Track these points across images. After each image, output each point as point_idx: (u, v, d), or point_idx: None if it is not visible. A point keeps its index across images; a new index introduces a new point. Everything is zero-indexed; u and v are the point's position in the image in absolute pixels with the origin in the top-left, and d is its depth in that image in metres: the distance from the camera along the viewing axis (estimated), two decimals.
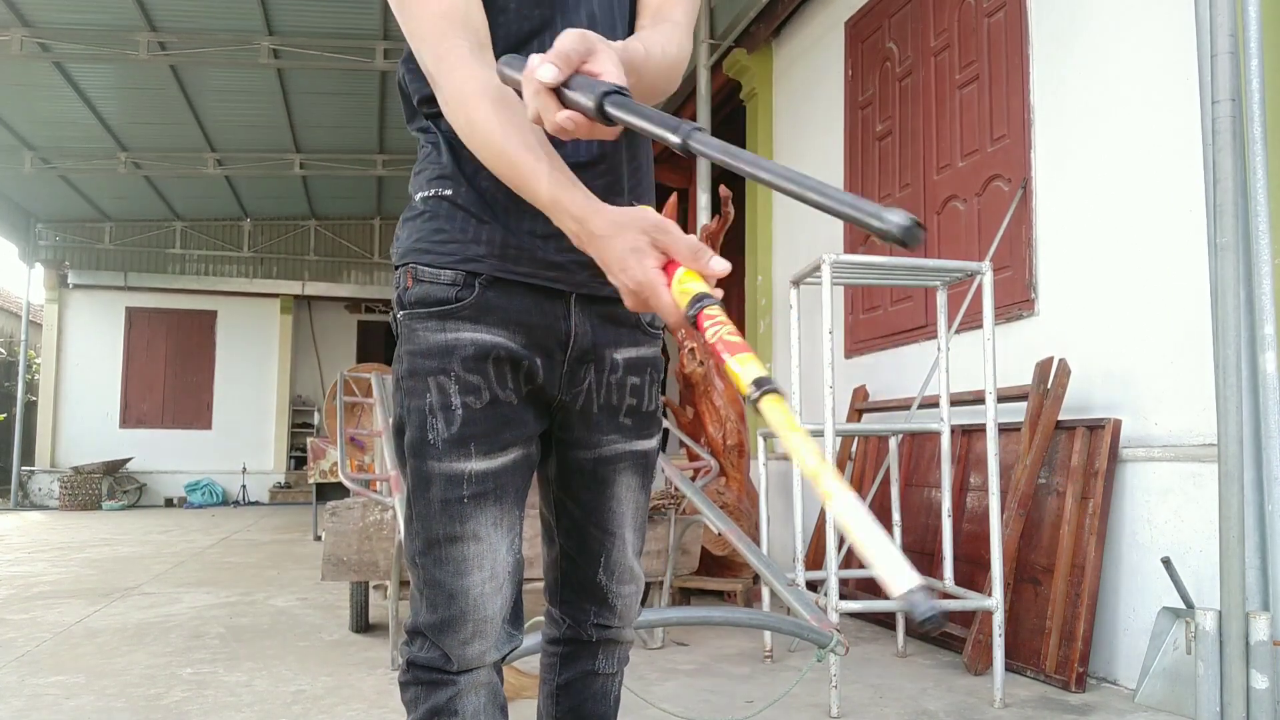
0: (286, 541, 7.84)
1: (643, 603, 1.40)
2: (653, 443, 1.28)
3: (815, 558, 4.36)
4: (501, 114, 0.97)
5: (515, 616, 1.18)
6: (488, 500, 1.10)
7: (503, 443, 1.11)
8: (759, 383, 0.77)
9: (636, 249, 0.89)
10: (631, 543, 1.27)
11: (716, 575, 4.42)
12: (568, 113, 0.84)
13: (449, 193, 1.11)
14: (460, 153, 1.09)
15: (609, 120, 0.83)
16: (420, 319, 1.10)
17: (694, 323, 0.86)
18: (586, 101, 0.83)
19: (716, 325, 0.84)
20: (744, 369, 0.79)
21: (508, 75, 0.92)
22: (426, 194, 1.13)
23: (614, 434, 1.22)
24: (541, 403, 1.17)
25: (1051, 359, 3.30)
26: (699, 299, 0.87)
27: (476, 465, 1.09)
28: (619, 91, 0.83)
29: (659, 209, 1.04)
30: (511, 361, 1.10)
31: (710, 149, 0.80)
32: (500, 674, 1.21)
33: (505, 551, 1.13)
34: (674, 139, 0.81)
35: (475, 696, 1.14)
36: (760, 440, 3.82)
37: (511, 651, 1.20)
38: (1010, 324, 3.69)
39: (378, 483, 3.47)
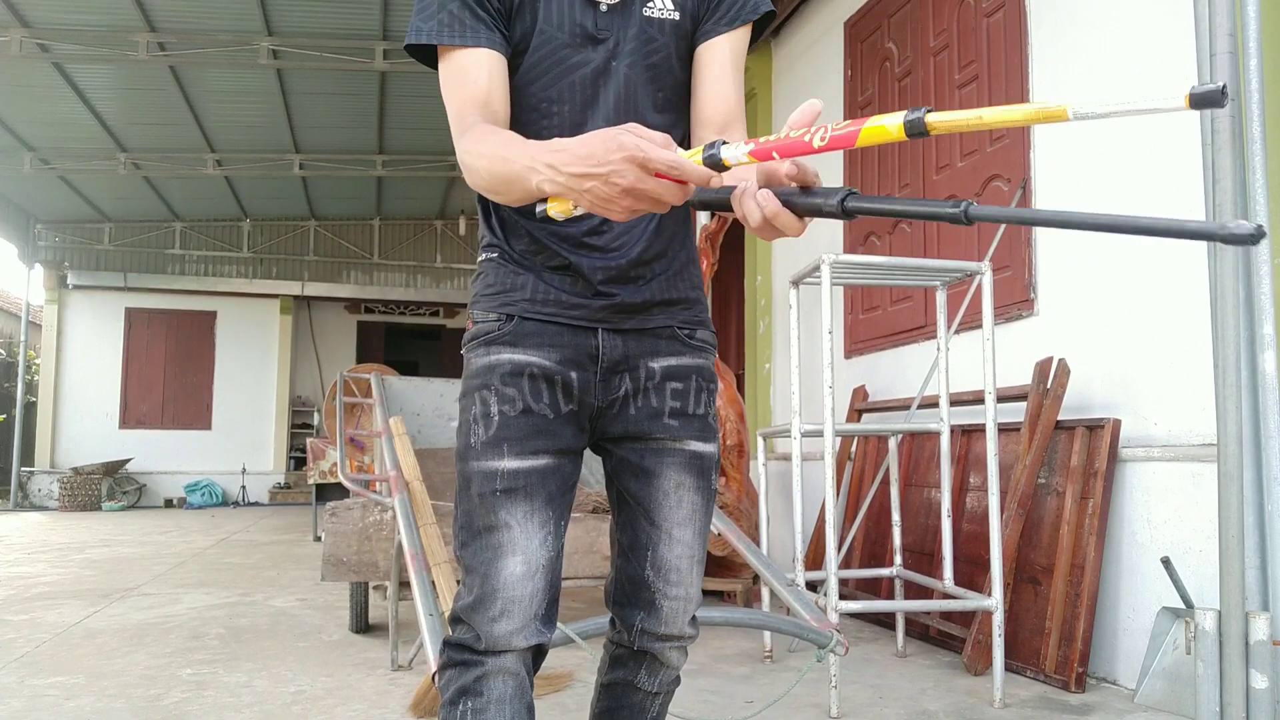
0: (286, 542, 7.84)
1: None
2: (707, 446, 1.34)
3: (815, 558, 4.36)
4: (487, 142, 1.14)
5: (548, 614, 1.24)
6: (518, 495, 1.22)
7: (533, 447, 1.24)
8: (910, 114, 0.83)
9: (613, 137, 0.98)
10: (685, 542, 1.33)
11: (716, 575, 4.42)
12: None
13: (495, 255, 1.33)
14: (505, 224, 1.32)
15: (849, 214, 0.91)
16: (473, 349, 1.31)
17: (717, 164, 0.95)
18: (827, 202, 0.91)
19: (766, 140, 0.92)
20: (866, 127, 0.86)
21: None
22: (481, 258, 1.36)
23: (659, 432, 1.32)
24: (581, 421, 1.29)
25: (1051, 359, 3.30)
26: (709, 145, 0.95)
27: (508, 464, 1.22)
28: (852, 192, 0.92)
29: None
30: (546, 378, 1.26)
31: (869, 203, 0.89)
32: (530, 674, 1.25)
33: (538, 545, 1.22)
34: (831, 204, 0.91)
35: (501, 682, 1.21)
36: (760, 440, 3.82)
37: (541, 651, 1.26)
38: (1010, 324, 3.69)
39: (377, 483, 3.47)
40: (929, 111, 0.82)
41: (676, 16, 1.31)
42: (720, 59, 1.32)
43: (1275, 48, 2.64)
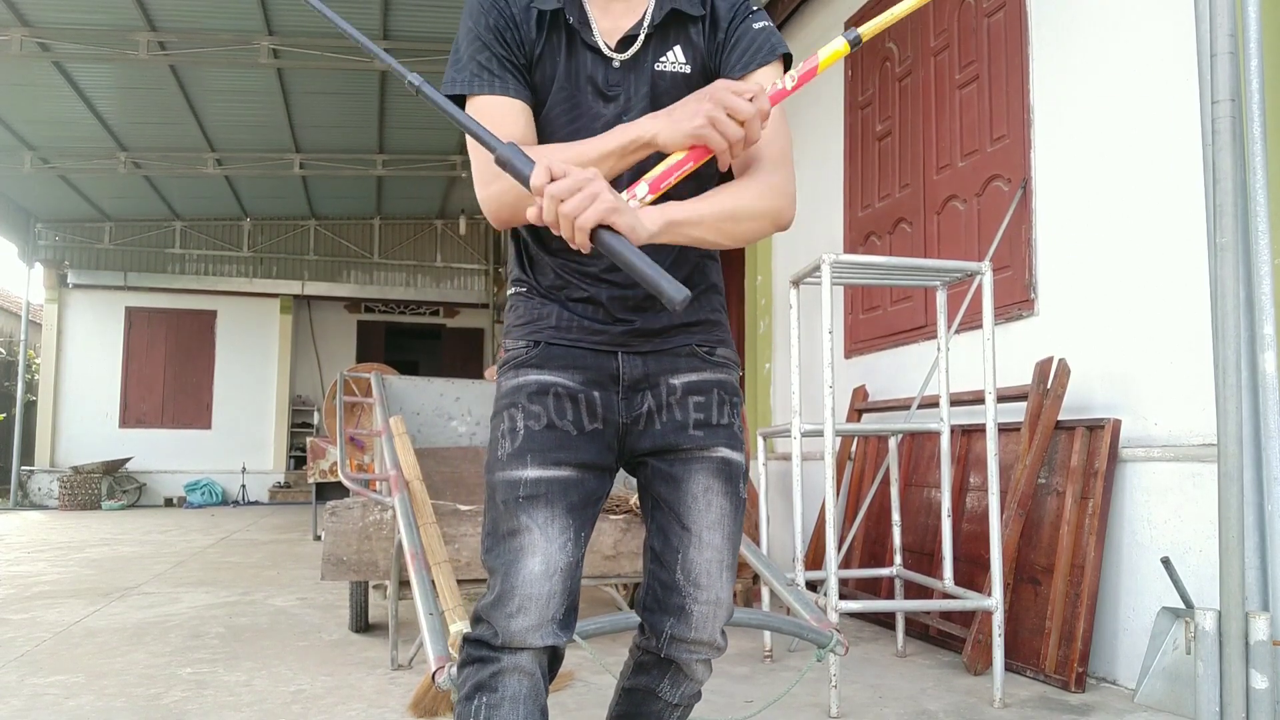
0: (286, 541, 7.84)
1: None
2: (733, 454, 1.38)
3: (815, 558, 4.36)
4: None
5: (565, 620, 1.27)
6: (540, 502, 1.27)
7: (555, 459, 1.29)
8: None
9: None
10: (714, 546, 1.35)
11: None
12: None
13: (524, 290, 1.42)
14: (534, 263, 1.40)
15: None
16: (504, 374, 1.39)
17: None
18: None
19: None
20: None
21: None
22: (510, 291, 1.45)
23: (686, 443, 1.36)
24: (607, 439, 1.34)
25: (1051, 359, 3.30)
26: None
27: (531, 473, 1.28)
28: None
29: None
30: (570, 396, 1.33)
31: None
32: (545, 677, 1.28)
33: (558, 549, 1.25)
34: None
35: (516, 680, 1.24)
36: (760, 440, 3.82)
37: (556, 656, 1.28)
38: (1010, 324, 3.69)
39: (377, 482, 3.47)
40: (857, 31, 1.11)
41: (688, 70, 1.34)
42: None
43: (1275, 48, 2.64)
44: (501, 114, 1.29)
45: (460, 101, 1.32)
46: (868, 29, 1.11)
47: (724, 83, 1.16)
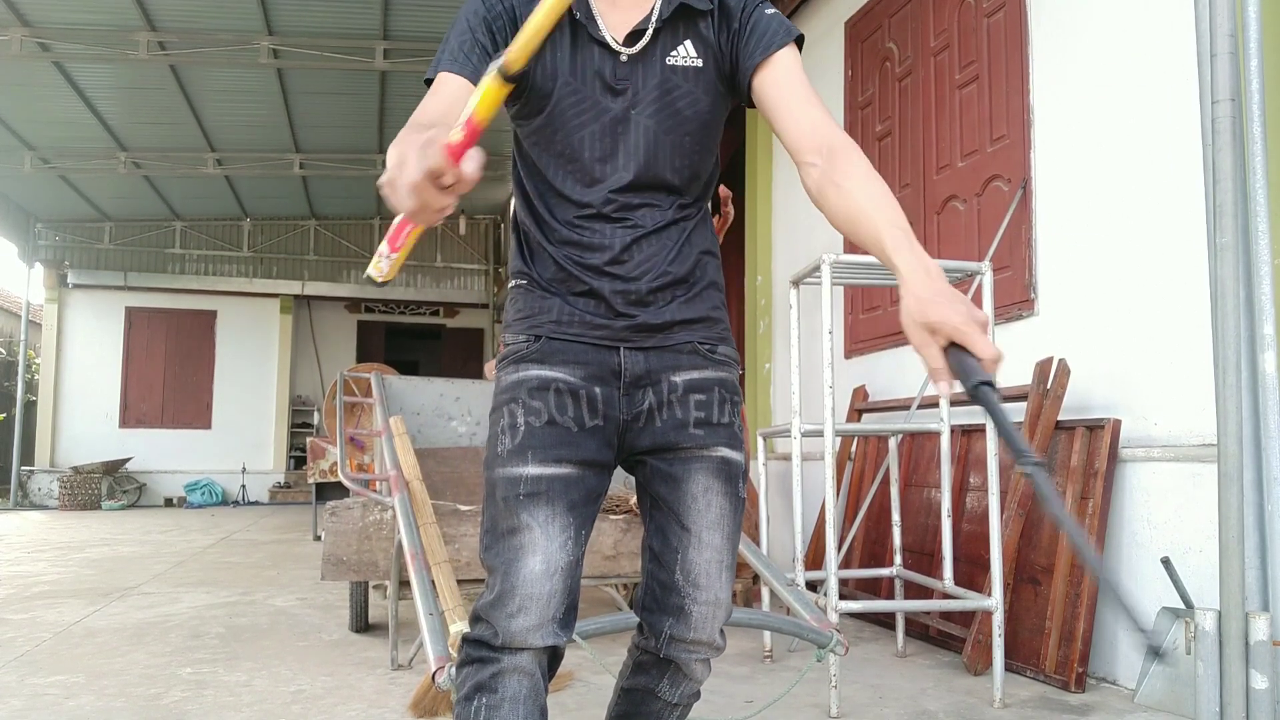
0: (286, 541, 7.84)
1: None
2: (733, 453, 1.38)
3: (815, 558, 4.36)
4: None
5: (565, 619, 1.26)
6: (540, 500, 1.26)
7: (556, 456, 1.28)
8: None
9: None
10: (714, 546, 1.34)
11: None
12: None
13: (524, 282, 1.40)
14: (534, 254, 1.39)
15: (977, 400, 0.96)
16: (503, 368, 1.38)
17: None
18: (963, 383, 0.97)
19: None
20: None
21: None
22: (511, 284, 1.44)
23: (686, 441, 1.36)
24: (607, 435, 1.34)
25: (1051, 359, 3.30)
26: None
27: (531, 470, 1.27)
28: (989, 384, 0.96)
29: None
30: (571, 392, 1.32)
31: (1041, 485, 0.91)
32: (545, 677, 1.28)
33: (558, 547, 1.25)
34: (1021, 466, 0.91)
35: (516, 681, 1.23)
36: (760, 440, 3.82)
37: (556, 655, 1.28)
38: (1010, 324, 3.69)
39: (377, 482, 3.47)
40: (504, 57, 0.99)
41: (700, 64, 1.35)
42: (773, 93, 1.32)
43: (1275, 48, 2.64)
44: (450, 90, 1.24)
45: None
46: (514, 53, 1.00)
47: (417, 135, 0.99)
